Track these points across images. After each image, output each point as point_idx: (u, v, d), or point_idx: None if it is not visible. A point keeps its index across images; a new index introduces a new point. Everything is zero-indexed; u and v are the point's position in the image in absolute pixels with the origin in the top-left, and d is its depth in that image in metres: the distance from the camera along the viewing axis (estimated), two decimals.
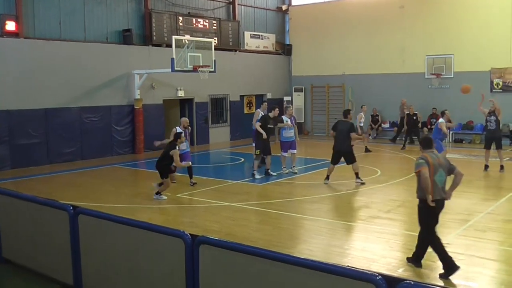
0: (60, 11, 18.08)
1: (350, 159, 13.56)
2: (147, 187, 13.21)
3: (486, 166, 15.24)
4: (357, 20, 25.06)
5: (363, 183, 13.35)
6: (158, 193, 12.02)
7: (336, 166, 13.76)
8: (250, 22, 25.92)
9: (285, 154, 14.98)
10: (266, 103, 16.35)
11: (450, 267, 7.10)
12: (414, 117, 20.80)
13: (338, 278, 4.25)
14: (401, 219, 10.59)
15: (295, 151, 15.11)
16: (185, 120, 13.68)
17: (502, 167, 15.02)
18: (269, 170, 14.65)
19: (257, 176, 14.30)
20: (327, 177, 13.70)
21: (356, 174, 13.49)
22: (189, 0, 22.75)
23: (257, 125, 14.42)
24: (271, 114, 14.84)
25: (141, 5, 20.69)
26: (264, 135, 14.20)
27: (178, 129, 12.91)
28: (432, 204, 7.09)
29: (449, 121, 16.08)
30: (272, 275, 4.72)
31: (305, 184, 13.85)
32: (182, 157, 12.82)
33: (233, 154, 19.44)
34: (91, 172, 16.40)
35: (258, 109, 15.99)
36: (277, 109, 15.03)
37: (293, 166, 15.18)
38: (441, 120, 15.32)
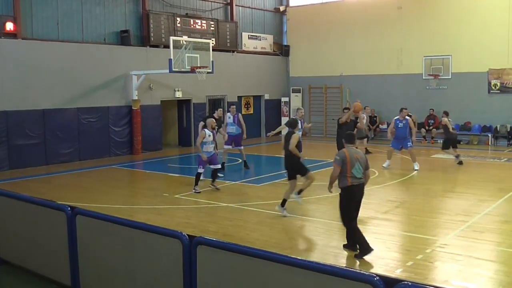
0: (58, 12, 18.06)
1: None
2: (146, 187, 13.18)
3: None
4: (355, 21, 25.09)
5: None
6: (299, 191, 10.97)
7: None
8: (248, 23, 25.93)
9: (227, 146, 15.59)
10: (234, 107, 16.43)
11: (365, 248, 7.93)
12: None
13: (336, 279, 4.25)
14: (399, 220, 10.60)
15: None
16: (212, 121, 13.05)
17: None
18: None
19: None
20: None
21: None
22: (187, 1, 22.75)
23: (200, 125, 14.32)
24: (215, 115, 14.94)
25: (139, 6, 20.68)
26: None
27: (207, 132, 12.74)
28: (331, 192, 8.39)
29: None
30: (270, 276, 4.72)
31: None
32: (210, 160, 12.86)
33: (231, 155, 19.38)
34: (88, 173, 16.38)
35: (229, 113, 16.36)
36: (221, 109, 15.80)
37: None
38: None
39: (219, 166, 13.40)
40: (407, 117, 16.11)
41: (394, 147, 16.16)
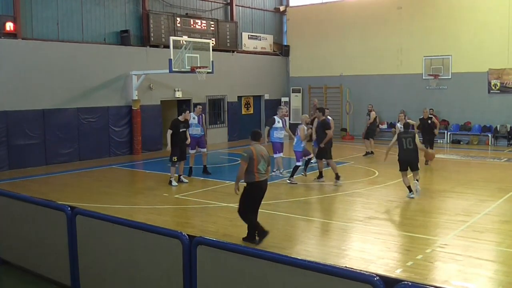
0: (58, 12, 18.06)
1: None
2: (146, 187, 13.18)
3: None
4: (355, 21, 25.09)
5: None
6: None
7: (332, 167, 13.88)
8: (248, 23, 25.93)
9: (276, 155, 14.60)
10: (200, 107, 15.63)
11: (261, 232, 8.56)
12: (429, 121, 16.98)
13: (336, 279, 4.25)
14: (399, 220, 10.60)
15: (280, 154, 14.87)
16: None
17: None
18: (181, 176, 14.13)
19: (174, 184, 13.73)
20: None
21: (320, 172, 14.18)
22: (187, 1, 22.75)
23: (168, 133, 13.62)
24: (181, 118, 13.95)
25: (138, 6, 20.68)
26: (189, 140, 14.12)
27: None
28: (237, 192, 8.71)
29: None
30: (269, 276, 4.72)
31: (303, 185, 13.85)
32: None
33: (231, 155, 19.41)
34: (88, 173, 16.37)
35: (192, 113, 15.23)
36: (188, 111, 14.42)
37: (276, 170, 14.77)
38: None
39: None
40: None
41: None
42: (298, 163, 14.06)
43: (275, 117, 14.87)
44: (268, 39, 26.85)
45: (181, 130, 13.69)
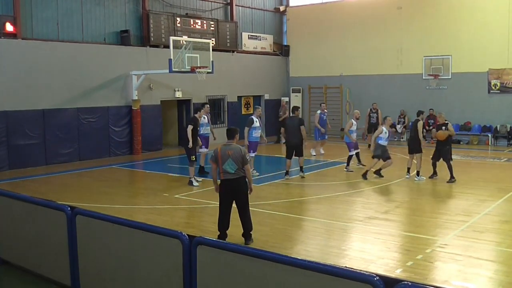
0: (58, 12, 18.06)
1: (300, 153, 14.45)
2: (146, 187, 13.18)
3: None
4: (355, 21, 25.09)
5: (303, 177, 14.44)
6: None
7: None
8: (248, 23, 25.93)
9: (252, 154, 14.70)
10: (208, 106, 15.73)
11: (221, 238, 8.60)
12: (444, 128, 14.37)
13: (336, 279, 4.25)
14: (399, 219, 10.60)
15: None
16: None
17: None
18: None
19: (196, 184, 13.71)
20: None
21: (301, 167, 14.58)
22: (187, 1, 22.75)
23: (189, 128, 13.59)
24: (197, 115, 14.13)
25: (138, 6, 20.68)
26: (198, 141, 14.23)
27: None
28: (217, 191, 8.74)
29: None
30: (269, 276, 4.71)
31: (302, 185, 13.85)
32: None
33: None
34: (88, 173, 16.37)
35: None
36: (208, 106, 15.40)
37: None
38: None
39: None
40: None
41: None
42: (350, 153, 15.75)
43: (253, 117, 14.95)
44: (268, 39, 26.85)
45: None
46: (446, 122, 14.17)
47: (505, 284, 6.98)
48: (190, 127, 13.58)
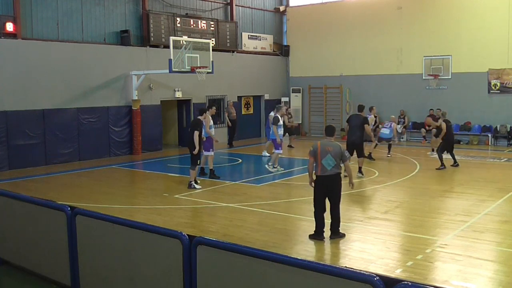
0: (58, 12, 18.05)
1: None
2: (146, 187, 13.17)
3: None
4: (355, 21, 25.09)
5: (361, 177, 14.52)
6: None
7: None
8: (248, 23, 25.93)
9: (277, 151, 15.49)
10: (215, 108, 15.71)
11: (318, 232, 8.81)
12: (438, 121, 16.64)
13: (335, 279, 4.25)
14: (399, 220, 10.60)
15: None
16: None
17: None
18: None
19: (198, 186, 13.46)
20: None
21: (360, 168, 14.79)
22: (187, 1, 22.75)
23: (195, 134, 13.18)
24: (201, 117, 13.67)
25: (138, 6, 20.68)
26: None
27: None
28: (311, 185, 8.97)
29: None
30: (269, 276, 4.71)
31: (302, 185, 13.83)
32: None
33: (231, 155, 19.40)
34: (88, 173, 16.37)
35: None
36: (214, 108, 15.97)
37: (271, 164, 15.69)
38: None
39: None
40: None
41: None
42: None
43: (278, 115, 15.85)
44: (268, 39, 26.84)
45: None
46: (438, 118, 16.30)
47: (505, 284, 6.97)
48: (196, 133, 13.16)
